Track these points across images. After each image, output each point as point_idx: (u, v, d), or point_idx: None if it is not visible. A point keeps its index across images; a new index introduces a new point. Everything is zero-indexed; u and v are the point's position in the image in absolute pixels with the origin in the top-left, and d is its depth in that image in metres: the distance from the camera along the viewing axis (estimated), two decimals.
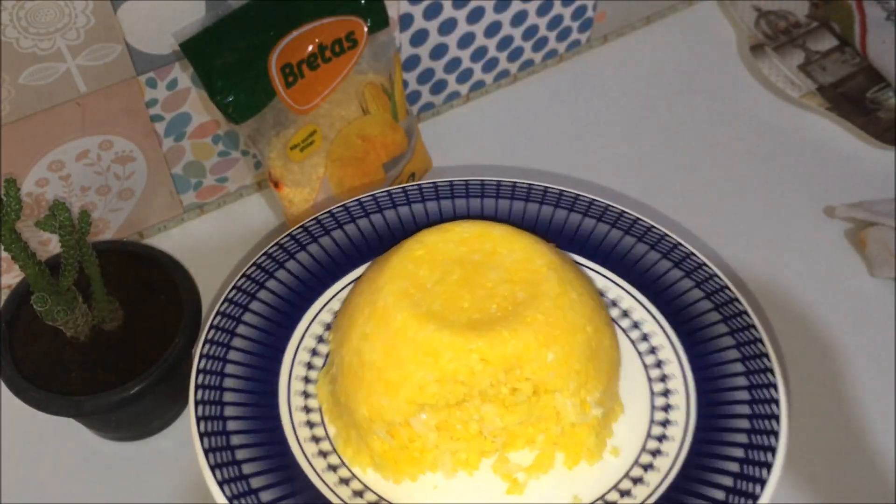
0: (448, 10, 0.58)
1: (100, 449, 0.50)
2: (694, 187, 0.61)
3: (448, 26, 0.59)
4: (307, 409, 0.44)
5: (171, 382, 0.46)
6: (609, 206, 0.51)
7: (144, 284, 0.48)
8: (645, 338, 0.47)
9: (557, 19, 0.64)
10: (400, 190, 0.51)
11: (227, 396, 0.43)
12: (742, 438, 0.42)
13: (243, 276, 0.47)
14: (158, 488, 0.48)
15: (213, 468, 0.40)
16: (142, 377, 0.44)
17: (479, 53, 0.63)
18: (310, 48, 0.50)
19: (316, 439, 0.44)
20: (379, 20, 0.52)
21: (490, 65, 0.64)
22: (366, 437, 0.42)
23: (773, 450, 0.41)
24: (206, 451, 0.41)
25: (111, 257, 0.48)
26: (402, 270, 0.44)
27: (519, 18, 0.62)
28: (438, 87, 0.63)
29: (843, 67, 0.66)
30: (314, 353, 0.46)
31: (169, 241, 0.58)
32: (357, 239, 0.50)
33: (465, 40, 0.61)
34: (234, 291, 0.46)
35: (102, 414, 0.45)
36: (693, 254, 0.49)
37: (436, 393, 0.41)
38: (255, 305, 0.46)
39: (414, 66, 0.61)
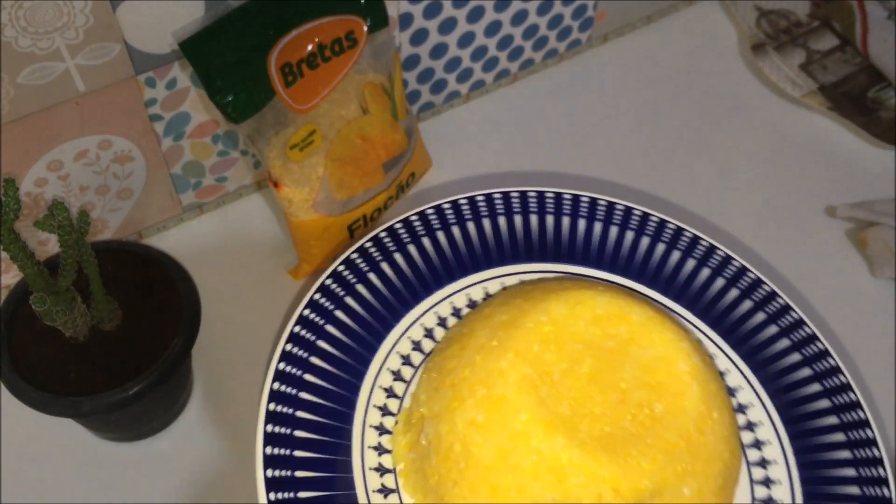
0: (448, 10, 0.58)
1: (99, 449, 0.50)
2: (694, 187, 0.61)
3: (448, 26, 0.59)
4: (381, 470, 0.40)
5: (170, 383, 0.46)
6: (729, 256, 0.49)
7: (143, 284, 0.48)
8: (749, 426, 0.43)
9: (558, 18, 0.64)
10: (484, 198, 0.49)
11: (299, 437, 0.40)
12: None
13: (309, 303, 0.44)
14: (157, 488, 0.48)
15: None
16: (141, 377, 0.44)
17: (479, 53, 0.63)
18: (309, 47, 0.50)
19: None
20: (379, 19, 0.52)
21: (490, 64, 0.64)
22: None
23: None
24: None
25: (110, 257, 0.48)
26: (527, 351, 0.39)
27: (519, 18, 0.62)
28: (438, 86, 0.63)
29: (844, 67, 0.66)
30: (389, 393, 0.43)
31: (168, 241, 0.58)
32: (438, 254, 0.47)
33: (465, 40, 0.61)
34: (298, 326, 0.43)
35: (101, 414, 0.45)
36: (804, 322, 0.46)
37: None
38: (321, 343, 0.43)
39: (414, 66, 0.60)
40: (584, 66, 0.68)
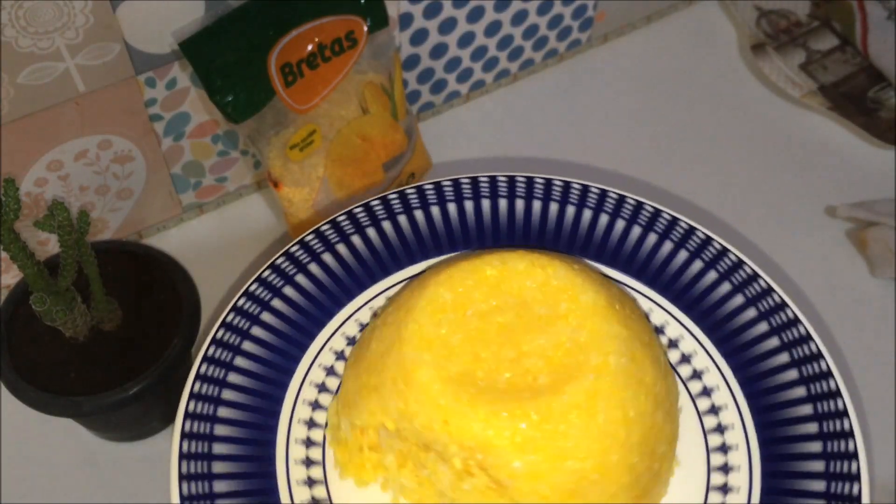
0: (448, 10, 0.58)
1: (99, 449, 0.50)
2: (694, 187, 0.61)
3: (448, 25, 0.59)
4: (308, 442, 0.41)
5: (170, 383, 0.46)
6: (659, 210, 0.47)
7: (143, 284, 0.48)
8: (697, 375, 0.43)
9: (558, 18, 0.64)
10: (414, 190, 0.48)
11: (221, 414, 0.40)
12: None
13: (244, 294, 0.44)
14: (157, 489, 0.48)
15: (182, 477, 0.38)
16: (141, 377, 0.44)
17: (479, 53, 0.63)
18: (309, 47, 0.50)
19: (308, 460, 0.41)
20: (379, 19, 0.52)
21: (490, 64, 0.64)
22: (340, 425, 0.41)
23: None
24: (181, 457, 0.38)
25: (110, 257, 0.48)
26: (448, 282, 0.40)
27: (519, 18, 0.62)
28: (438, 86, 0.63)
29: (844, 67, 0.66)
30: (321, 388, 0.43)
31: (168, 241, 0.58)
32: (378, 246, 0.46)
33: (465, 40, 0.61)
34: (232, 314, 0.43)
35: (101, 414, 0.45)
36: (743, 263, 0.45)
37: (411, 428, 0.38)
38: (255, 331, 0.43)
39: (414, 66, 0.60)
40: (584, 66, 0.68)
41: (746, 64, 0.69)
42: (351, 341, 0.44)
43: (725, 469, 0.41)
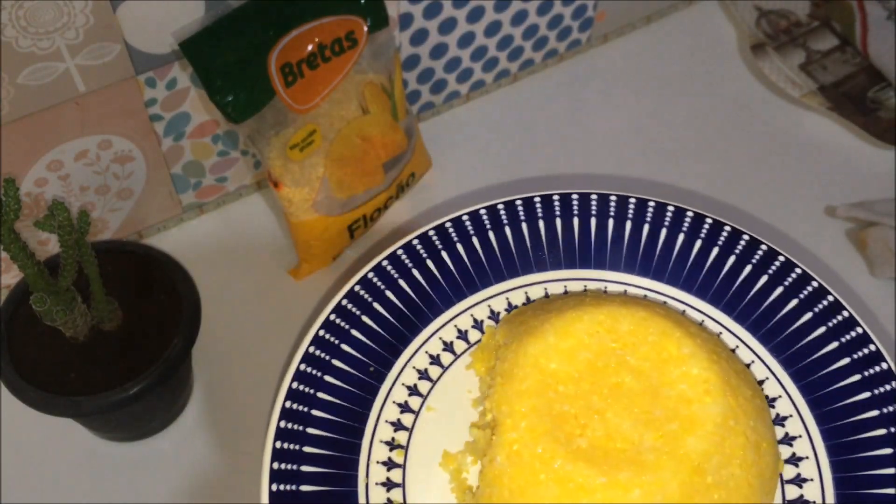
0: (448, 10, 0.58)
1: (99, 449, 0.50)
2: (694, 187, 0.61)
3: (448, 26, 0.59)
4: (387, 485, 0.42)
5: (171, 383, 0.46)
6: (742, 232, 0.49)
7: (143, 284, 0.48)
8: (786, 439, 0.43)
9: (558, 19, 0.64)
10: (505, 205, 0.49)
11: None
12: None
13: (317, 337, 0.44)
14: (157, 489, 0.48)
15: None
16: (141, 377, 0.44)
17: (479, 53, 0.63)
18: (309, 47, 0.50)
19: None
20: (379, 19, 0.52)
21: (490, 64, 0.64)
22: None
23: None
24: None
25: (110, 257, 0.48)
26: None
27: (519, 18, 0.62)
28: (438, 86, 0.63)
29: (844, 67, 0.66)
30: (403, 407, 0.44)
31: (168, 241, 0.58)
32: (455, 267, 0.48)
33: (465, 40, 0.61)
34: (304, 363, 0.44)
35: (101, 414, 0.45)
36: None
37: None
38: (337, 363, 0.44)
39: (414, 66, 0.60)
40: (584, 66, 0.68)
41: (746, 64, 0.69)
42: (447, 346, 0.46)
43: None
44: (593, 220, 0.49)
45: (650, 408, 0.40)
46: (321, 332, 0.44)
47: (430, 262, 0.48)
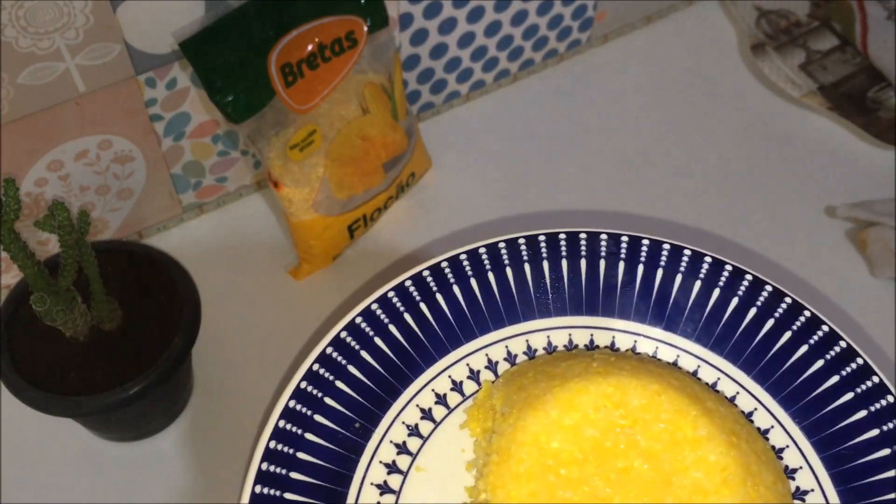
0: (448, 10, 0.58)
1: (99, 449, 0.50)
2: (694, 187, 0.61)
3: (448, 26, 0.59)
4: None
5: (170, 383, 0.46)
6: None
7: (143, 284, 0.48)
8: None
9: (558, 19, 0.64)
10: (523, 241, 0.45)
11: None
12: None
13: (306, 376, 0.41)
14: (157, 489, 0.48)
15: None
16: (141, 377, 0.44)
17: (479, 53, 0.63)
18: (309, 47, 0.50)
19: None
20: (379, 19, 0.52)
21: (490, 64, 0.64)
22: None
23: None
24: None
25: (110, 257, 0.48)
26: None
27: (519, 18, 0.62)
28: (438, 86, 0.63)
29: (844, 67, 0.66)
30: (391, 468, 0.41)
31: (168, 241, 0.58)
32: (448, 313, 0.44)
33: (465, 40, 0.61)
34: (293, 400, 0.40)
35: (101, 414, 0.45)
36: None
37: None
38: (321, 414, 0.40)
39: (414, 66, 0.60)
40: (584, 66, 0.68)
41: (746, 64, 0.69)
42: (440, 399, 0.43)
43: None
44: (602, 263, 0.45)
45: (661, 497, 0.37)
46: (302, 384, 0.40)
47: (423, 306, 0.43)
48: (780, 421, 0.42)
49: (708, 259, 0.45)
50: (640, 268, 0.45)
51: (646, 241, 0.45)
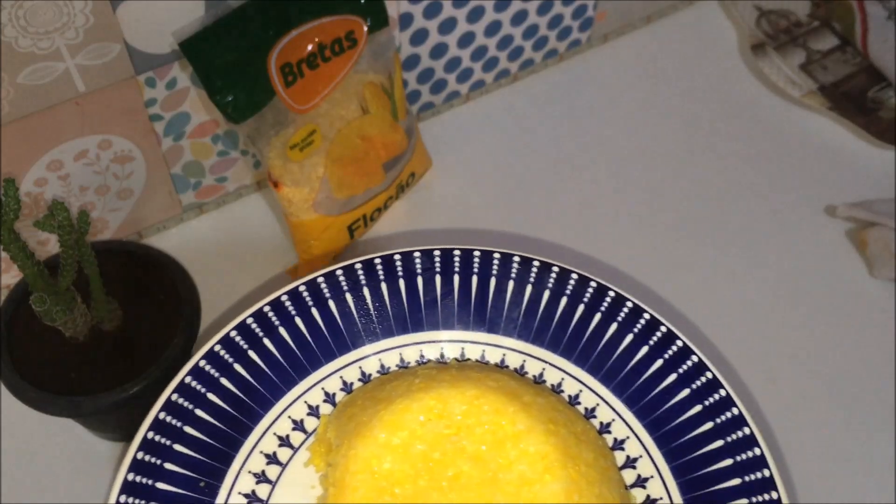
0: (448, 10, 0.58)
1: (99, 449, 0.50)
2: (694, 187, 0.61)
3: (448, 25, 0.59)
4: None
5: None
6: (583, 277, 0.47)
7: (143, 284, 0.48)
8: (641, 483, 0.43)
9: (558, 18, 0.64)
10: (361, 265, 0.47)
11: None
12: None
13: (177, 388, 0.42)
14: None
15: None
16: (141, 377, 0.44)
17: (480, 53, 0.63)
18: (309, 47, 0.50)
19: None
20: (379, 19, 0.52)
21: (490, 64, 0.64)
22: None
23: None
24: None
25: (110, 257, 0.48)
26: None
27: (519, 18, 0.62)
28: (438, 86, 0.63)
29: (844, 67, 0.66)
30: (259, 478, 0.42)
31: (168, 241, 0.58)
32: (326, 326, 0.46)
33: (465, 40, 0.61)
34: (164, 411, 0.42)
35: (101, 414, 0.45)
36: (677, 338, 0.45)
37: None
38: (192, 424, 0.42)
39: (414, 66, 0.60)
40: (584, 66, 0.68)
41: (746, 64, 0.69)
42: (287, 438, 0.44)
43: None
44: (419, 279, 0.47)
45: (492, 497, 0.39)
46: (139, 455, 0.40)
47: (251, 353, 0.44)
48: (603, 398, 0.45)
49: (517, 258, 0.47)
50: (456, 278, 0.47)
51: (457, 252, 0.47)
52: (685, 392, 0.44)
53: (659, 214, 0.60)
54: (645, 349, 0.45)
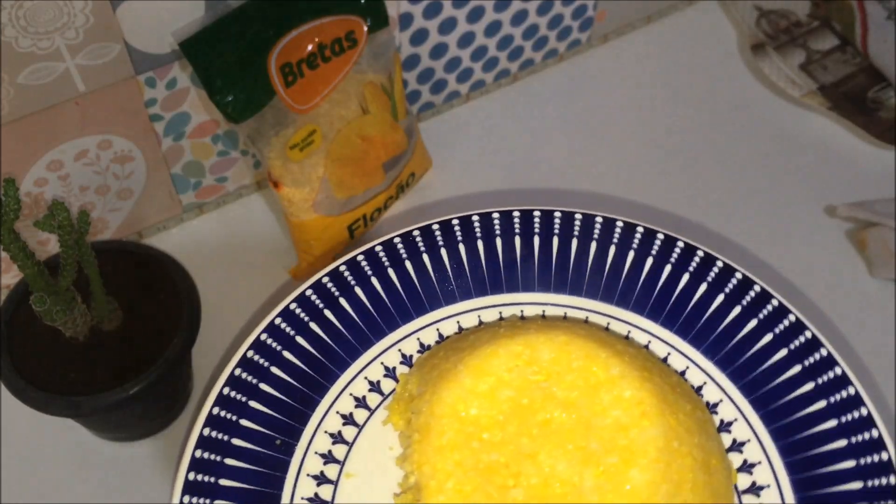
0: (448, 10, 0.58)
1: (99, 449, 0.50)
2: (694, 187, 0.61)
3: (448, 25, 0.59)
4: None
5: (171, 383, 0.46)
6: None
7: (143, 284, 0.48)
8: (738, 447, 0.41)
9: (558, 18, 0.64)
10: (457, 222, 0.46)
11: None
12: None
13: (241, 362, 0.41)
14: (157, 489, 0.48)
15: None
16: (141, 377, 0.44)
17: (480, 53, 0.63)
18: (309, 47, 0.50)
19: None
20: (379, 19, 0.52)
21: (490, 64, 0.64)
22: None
23: None
24: None
25: (110, 257, 0.48)
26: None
27: (519, 18, 0.62)
28: (438, 86, 0.63)
29: (844, 67, 0.66)
30: (336, 438, 0.41)
31: (168, 241, 0.58)
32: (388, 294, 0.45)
33: (465, 40, 0.61)
34: (239, 368, 0.41)
35: (101, 414, 0.45)
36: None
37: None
38: (263, 387, 0.41)
39: (414, 66, 0.60)
40: (584, 66, 0.68)
41: (746, 64, 0.69)
42: (373, 386, 0.43)
43: None
44: (498, 241, 0.46)
45: (585, 442, 0.37)
46: (215, 410, 0.40)
47: (327, 313, 0.44)
48: (694, 361, 0.43)
49: (599, 219, 0.46)
50: (536, 239, 0.46)
51: (537, 213, 0.46)
52: (782, 352, 0.42)
53: (658, 213, 0.60)
54: (738, 309, 0.43)
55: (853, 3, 0.68)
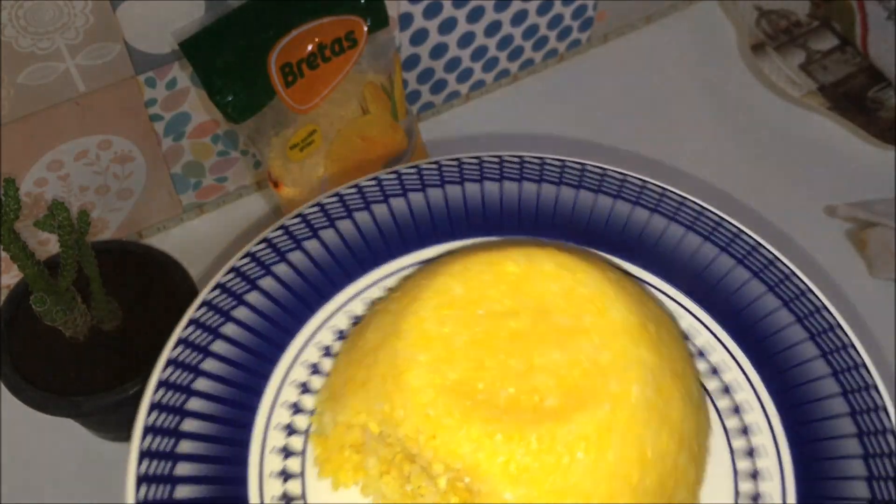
0: (448, 10, 0.58)
1: (99, 449, 0.50)
2: (694, 187, 0.61)
3: (448, 26, 0.59)
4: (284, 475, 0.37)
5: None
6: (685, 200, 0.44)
7: (143, 284, 0.48)
8: (735, 409, 0.39)
9: (558, 18, 0.64)
10: (414, 171, 0.44)
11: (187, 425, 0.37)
12: None
13: (217, 286, 0.40)
14: None
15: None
16: (141, 377, 0.44)
17: (480, 53, 0.63)
18: (309, 47, 0.50)
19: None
20: (379, 19, 0.52)
21: (490, 64, 0.64)
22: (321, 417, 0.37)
23: None
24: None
25: (110, 257, 0.48)
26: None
27: (519, 18, 0.62)
28: (438, 86, 0.63)
29: (844, 67, 0.66)
30: (304, 389, 0.39)
31: (168, 241, 0.58)
32: (368, 233, 0.42)
33: (465, 40, 0.61)
34: (202, 309, 0.39)
35: (101, 414, 0.45)
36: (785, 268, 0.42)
37: (395, 436, 0.34)
38: (227, 328, 0.39)
39: (414, 66, 0.60)
40: (584, 66, 0.68)
41: (746, 64, 0.69)
42: (341, 335, 0.41)
43: None
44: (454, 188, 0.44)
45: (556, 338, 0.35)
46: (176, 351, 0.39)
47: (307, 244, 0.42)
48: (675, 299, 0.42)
49: (566, 164, 0.46)
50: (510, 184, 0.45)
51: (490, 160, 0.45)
52: (756, 284, 0.42)
53: None
54: (711, 246, 0.43)
55: (853, 3, 0.68)
